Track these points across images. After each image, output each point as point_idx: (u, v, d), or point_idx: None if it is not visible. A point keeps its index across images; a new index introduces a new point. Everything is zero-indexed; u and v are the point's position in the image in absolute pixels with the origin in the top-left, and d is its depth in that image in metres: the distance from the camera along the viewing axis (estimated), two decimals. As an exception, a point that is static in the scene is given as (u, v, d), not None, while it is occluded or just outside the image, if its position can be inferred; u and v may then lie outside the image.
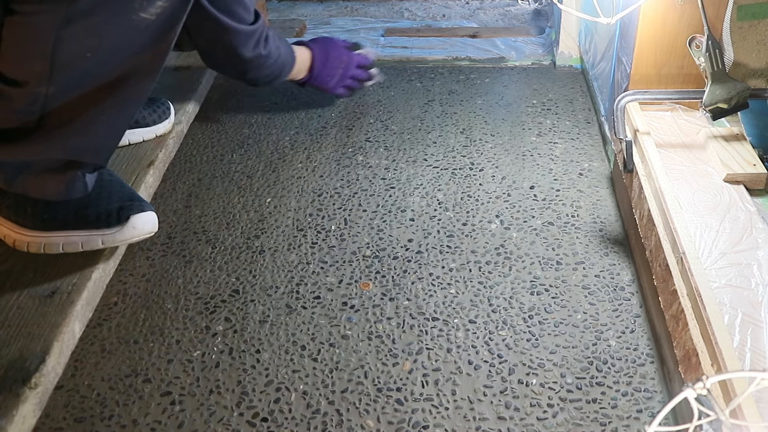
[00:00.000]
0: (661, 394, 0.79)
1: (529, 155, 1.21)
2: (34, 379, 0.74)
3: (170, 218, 1.09)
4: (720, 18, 0.93)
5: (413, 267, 0.98)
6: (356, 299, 0.93)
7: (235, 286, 0.96)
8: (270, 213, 1.10)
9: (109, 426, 0.77)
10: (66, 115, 0.81)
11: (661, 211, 0.88)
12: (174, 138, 1.20)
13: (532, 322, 0.88)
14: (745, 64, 0.94)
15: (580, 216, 1.06)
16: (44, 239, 0.88)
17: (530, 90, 1.43)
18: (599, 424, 0.75)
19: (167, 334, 0.88)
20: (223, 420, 0.77)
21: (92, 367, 0.84)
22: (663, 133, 1.06)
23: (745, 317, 0.74)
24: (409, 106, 1.38)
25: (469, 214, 1.07)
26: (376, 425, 0.76)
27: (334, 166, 1.21)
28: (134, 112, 0.89)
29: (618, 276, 0.95)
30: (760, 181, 0.94)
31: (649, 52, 1.06)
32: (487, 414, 0.77)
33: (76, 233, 0.88)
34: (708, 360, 0.69)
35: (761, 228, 0.87)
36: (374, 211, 1.09)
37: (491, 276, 0.96)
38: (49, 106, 0.79)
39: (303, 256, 1.00)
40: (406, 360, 0.84)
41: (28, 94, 0.77)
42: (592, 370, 0.82)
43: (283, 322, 0.90)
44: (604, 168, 1.17)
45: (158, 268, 0.99)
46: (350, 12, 1.85)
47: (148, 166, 1.08)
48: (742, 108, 0.96)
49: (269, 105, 1.40)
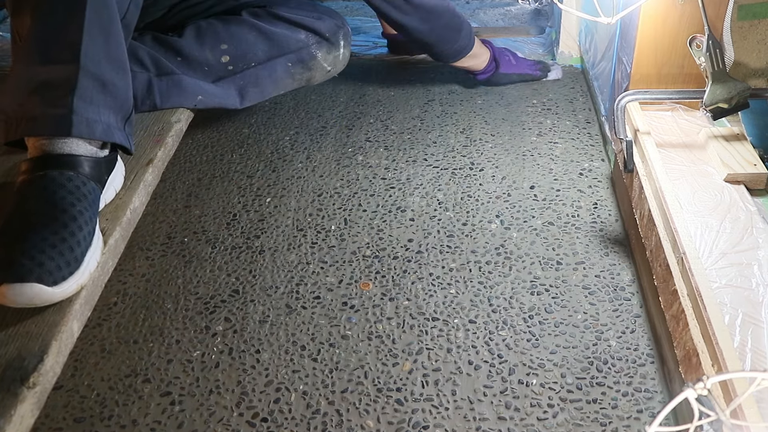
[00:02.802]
0: (661, 395, 0.78)
1: (530, 155, 1.21)
2: (33, 378, 0.73)
3: (170, 218, 1.09)
4: (720, 17, 0.93)
5: (413, 267, 0.98)
6: (356, 299, 0.93)
7: (235, 286, 0.96)
8: (270, 213, 1.10)
9: (108, 426, 0.77)
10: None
11: (661, 211, 0.88)
12: (173, 137, 1.20)
13: (533, 322, 0.88)
14: (745, 64, 0.93)
15: (580, 216, 1.06)
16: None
17: (530, 90, 1.43)
18: (599, 425, 0.75)
19: (167, 334, 0.88)
20: (222, 420, 0.77)
21: (92, 367, 0.84)
22: (663, 133, 1.06)
23: (745, 317, 0.74)
24: (409, 106, 1.38)
25: (469, 214, 1.07)
26: (376, 425, 0.76)
27: (334, 166, 1.20)
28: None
29: (618, 276, 0.95)
30: (761, 181, 0.94)
31: (650, 51, 1.06)
32: (487, 414, 0.77)
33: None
34: (708, 360, 0.69)
35: (762, 228, 0.87)
36: (374, 211, 1.09)
37: (491, 276, 0.96)
38: None
39: (303, 256, 1.00)
40: (406, 360, 0.84)
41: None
42: (592, 370, 0.82)
43: (283, 322, 0.90)
44: (604, 168, 1.17)
45: (158, 268, 0.99)
46: (350, 12, 1.85)
47: (147, 165, 1.08)
48: (743, 108, 0.96)
49: (269, 105, 1.40)
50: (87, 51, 0.86)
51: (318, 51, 1.26)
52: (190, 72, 1.19)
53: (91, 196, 0.85)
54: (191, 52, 1.18)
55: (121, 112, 0.92)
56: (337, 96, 1.43)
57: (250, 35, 1.20)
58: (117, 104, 0.91)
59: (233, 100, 1.22)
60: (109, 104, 0.89)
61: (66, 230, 0.79)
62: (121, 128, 0.92)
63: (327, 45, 1.27)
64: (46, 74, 0.86)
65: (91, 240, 0.83)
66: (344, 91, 1.45)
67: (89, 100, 0.87)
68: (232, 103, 1.22)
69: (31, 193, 0.81)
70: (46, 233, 0.77)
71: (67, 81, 0.85)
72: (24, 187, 0.82)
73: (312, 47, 1.26)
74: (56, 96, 0.85)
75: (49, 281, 0.75)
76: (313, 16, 1.26)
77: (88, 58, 0.86)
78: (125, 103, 0.93)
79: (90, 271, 0.83)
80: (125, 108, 0.93)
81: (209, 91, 1.19)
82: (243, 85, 1.22)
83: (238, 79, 1.22)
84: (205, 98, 1.18)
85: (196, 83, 1.18)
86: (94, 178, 0.87)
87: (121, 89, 0.91)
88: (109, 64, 0.89)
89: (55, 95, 0.85)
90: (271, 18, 1.24)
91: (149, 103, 1.16)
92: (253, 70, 1.22)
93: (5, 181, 1.02)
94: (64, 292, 0.78)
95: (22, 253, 0.75)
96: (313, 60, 1.26)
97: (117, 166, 0.97)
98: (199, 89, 1.18)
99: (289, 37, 1.24)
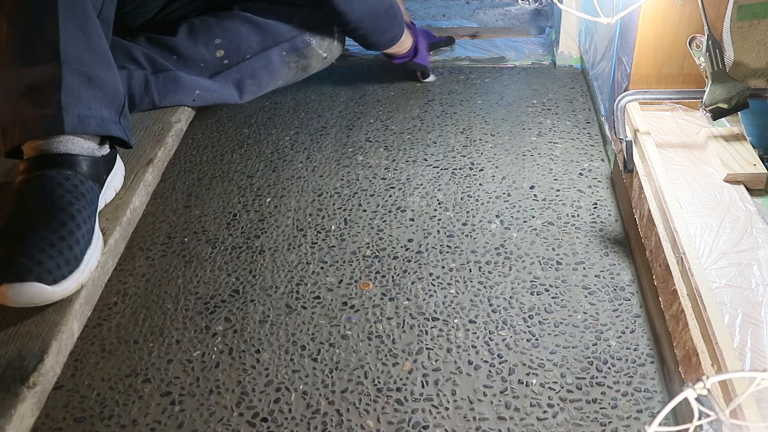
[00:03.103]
0: (661, 394, 0.78)
1: (529, 155, 1.21)
2: (33, 378, 0.74)
3: (170, 218, 1.09)
4: (720, 18, 0.93)
5: (413, 267, 0.98)
6: (356, 299, 0.93)
7: (235, 286, 0.96)
8: (270, 213, 1.10)
9: (108, 426, 0.77)
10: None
11: (661, 211, 0.88)
12: (173, 136, 1.20)
13: (532, 322, 0.88)
14: (745, 64, 0.93)
15: (580, 216, 1.06)
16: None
17: (530, 90, 1.43)
18: (599, 424, 0.75)
19: (167, 334, 0.88)
20: (223, 420, 0.77)
21: (92, 367, 0.84)
22: (663, 133, 1.06)
23: (745, 317, 0.74)
24: (409, 106, 1.38)
25: (469, 214, 1.07)
26: (376, 425, 0.76)
27: (334, 166, 1.20)
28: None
29: (618, 276, 0.95)
30: (761, 181, 0.94)
31: (650, 51, 1.06)
32: (487, 414, 0.77)
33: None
34: (708, 360, 0.69)
35: (761, 228, 0.87)
36: (374, 211, 1.09)
37: (491, 276, 0.96)
38: None
39: (303, 256, 1.00)
40: (406, 360, 0.84)
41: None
42: (592, 370, 0.82)
43: (283, 322, 0.90)
44: (604, 168, 1.17)
45: (158, 268, 0.99)
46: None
47: (147, 164, 1.08)
48: (743, 108, 0.96)
49: (269, 105, 1.40)
50: (67, 47, 0.86)
51: (312, 38, 1.26)
52: (186, 69, 1.19)
53: (89, 195, 0.85)
54: (186, 49, 1.18)
55: (113, 105, 0.91)
56: (337, 96, 1.43)
57: (242, 27, 1.21)
58: (107, 97, 0.91)
59: (232, 95, 1.22)
60: (98, 98, 0.89)
61: (64, 228, 0.79)
62: (116, 121, 0.92)
63: (320, 31, 1.27)
64: (32, 76, 0.86)
65: (90, 238, 0.83)
66: (344, 91, 1.45)
67: (77, 95, 0.86)
68: (231, 98, 1.23)
69: (29, 193, 0.81)
70: (45, 232, 0.77)
71: (52, 80, 0.85)
72: (22, 187, 0.82)
73: (305, 34, 1.26)
74: (44, 96, 0.85)
75: (49, 280, 0.75)
76: (304, 2, 1.26)
77: (69, 54, 0.86)
78: (115, 96, 0.92)
79: (90, 270, 0.83)
80: (116, 101, 0.93)
81: (206, 86, 1.19)
82: (240, 78, 1.22)
83: (234, 72, 1.22)
84: (203, 93, 1.18)
85: (193, 79, 1.19)
86: (92, 177, 0.87)
87: (108, 82, 0.91)
88: (92, 58, 0.89)
89: (43, 95, 0.85)
90: (262, 10, 1.24)
91: (148, 101, 1.16)
92: (249, 62, 1.22)
93: (5, 181, 1.02)
94: (64, 291, 0.78)
95: (21, 252, 0.75)
96: (307, 47, 1.26)
97: (117, 165, 0.97)
98: (197, 84, 1.18)
99: (282, 26, 1.24)
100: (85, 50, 0.89)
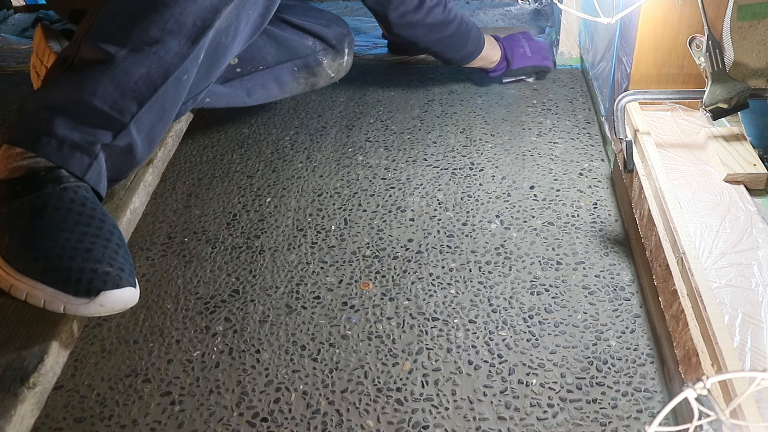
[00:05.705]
0: (661, 394, 0.78)
1: (529, 155, 1.21)
2: (33, 378, 0.73)
3: (170, 218, 1.09)
4: (720, 18, 0.93)
5: (413, 267, 0.98)
6: (356, 299, 0.93)
7: (235, 286, 0.96)
8: (270, 213, 1.10)
9: (108, 426, 0.77)
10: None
11: (661, 211, 0.88)
12: (173, 137, 1.20)
13: (532, 322, 0.88)
14: (745, 64, 0.93)
15: (580, 216, 1.06)
16: (12, 280, 0.77)
17: (530, 90, 1.43)
18: (599, 424, 0.75)
19: (167, 334, 0.88)
20: (223, 420, 0.77)
21: (92, 367, 0.84)
22: (663, 133, 1.06)
23: (745, 317, 0.74)
24: (409, 106, 1.38)
25: (469, 214, 1.07)
26: (376, 425, 0.76)
27: (334, 166, 1.20)
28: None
29: (618, 276, 0.95)
30: (761, 181, 0.94)
31: (650, 51, 1.06)
32: (487, 414, 0.77)
33: (41, 287, 0.76)
34: (708, 360, 0.69)
35: (761, 228, 0.87)
36: (374, 211, 1.09)
37: (491, 276, 0.96)
38: None
39: (303, 256, 1.00)
40: (406, 360, 0.84)
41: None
42: (592, 370, 0.82)
43: (283, 322, 0.90)
44: (604, 168, 1.17)
45: (158, 268, 0.99)
46: (350, 12, 1.85)
47: (147, 165, 1.08)
48: (743, 108, 0.96)
49: (269, 105, 1.40)
50: (140, 119, 0.88)
51: (324, 58, 1.27)
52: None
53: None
54: None
55: (115, 176, 0.93)
56: (337, 96, 1.43)
57: (259, 39, 1.20)
58: (117, 175, 0.93)
59: (241, 99, 1.23)
60: (110, 167, 0.91)
61: (114, 236, 0.82)
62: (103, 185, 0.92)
63: (333, 52, 1.28)
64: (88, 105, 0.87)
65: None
66: (344, 91, 1.45)
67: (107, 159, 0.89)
68: (240, 102, 1.23)
69: (62, 206, 0.83)
70: (105, 242, 0.80)
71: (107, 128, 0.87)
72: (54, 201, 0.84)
73: (319, 54, 1.26)
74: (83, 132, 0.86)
75: (134, 283, 0.79)
76: (321, 23, 1.26)
77: (137, 125, 0.88)
78: (123, 174, 0.95)
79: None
80: (119, 176, 0.94)
81: (217, 92, 1.19)
82: (250, 87, 1.23)
83: (246, 81, 1.22)
84: (213, 100, 1.19)
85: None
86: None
87: (137, 159, 0.93)
88: (145, 139, 0.92)
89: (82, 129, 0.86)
90: (280, 23, 1.24)
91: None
92: (261, 73, 1.23)
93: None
94: (138, 292, 0.81)
95: (97, 261, 0.77)
96: (318, 66, 1.27)
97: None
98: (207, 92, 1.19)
99: (298, 42, 1.24)
100: (147, 131, 0.91)
